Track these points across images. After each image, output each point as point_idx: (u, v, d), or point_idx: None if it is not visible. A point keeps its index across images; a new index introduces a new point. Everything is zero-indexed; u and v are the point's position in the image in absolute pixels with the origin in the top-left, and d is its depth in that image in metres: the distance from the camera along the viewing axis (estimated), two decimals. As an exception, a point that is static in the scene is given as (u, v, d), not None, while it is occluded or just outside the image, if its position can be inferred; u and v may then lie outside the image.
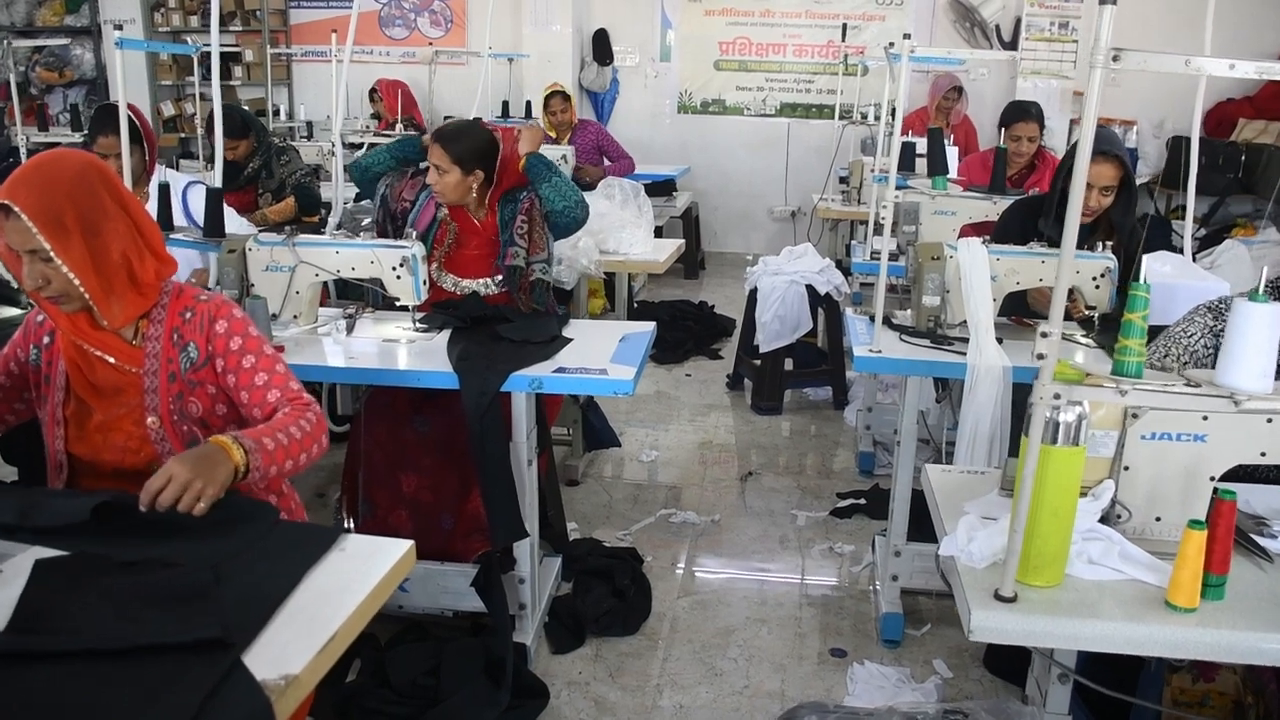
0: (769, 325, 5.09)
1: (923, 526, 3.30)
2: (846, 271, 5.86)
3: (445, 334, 3.04)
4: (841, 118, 6.75)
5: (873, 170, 5.65)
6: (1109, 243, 3.13)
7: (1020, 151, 4.68)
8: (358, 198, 4.70)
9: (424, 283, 3.00)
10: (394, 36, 9.06)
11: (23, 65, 9.18)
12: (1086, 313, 3.14)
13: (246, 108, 6.16)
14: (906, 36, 2.95)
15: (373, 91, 8.14)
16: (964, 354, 2.92)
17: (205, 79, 9.11)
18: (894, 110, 6.17)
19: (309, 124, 7.84)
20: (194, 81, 9.21)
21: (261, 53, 8.66)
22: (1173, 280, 3.91)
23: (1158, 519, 1.82)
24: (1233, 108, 7.84)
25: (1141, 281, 1.58)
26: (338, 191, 4.17)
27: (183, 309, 2.05)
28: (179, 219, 3.90)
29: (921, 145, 6.19)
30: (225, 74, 9.02)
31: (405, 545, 1.74)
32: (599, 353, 2.85)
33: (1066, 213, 1.47)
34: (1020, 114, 4.65)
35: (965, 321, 3.08)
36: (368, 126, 7.72)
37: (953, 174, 3.97)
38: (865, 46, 8.17)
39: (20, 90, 9.29)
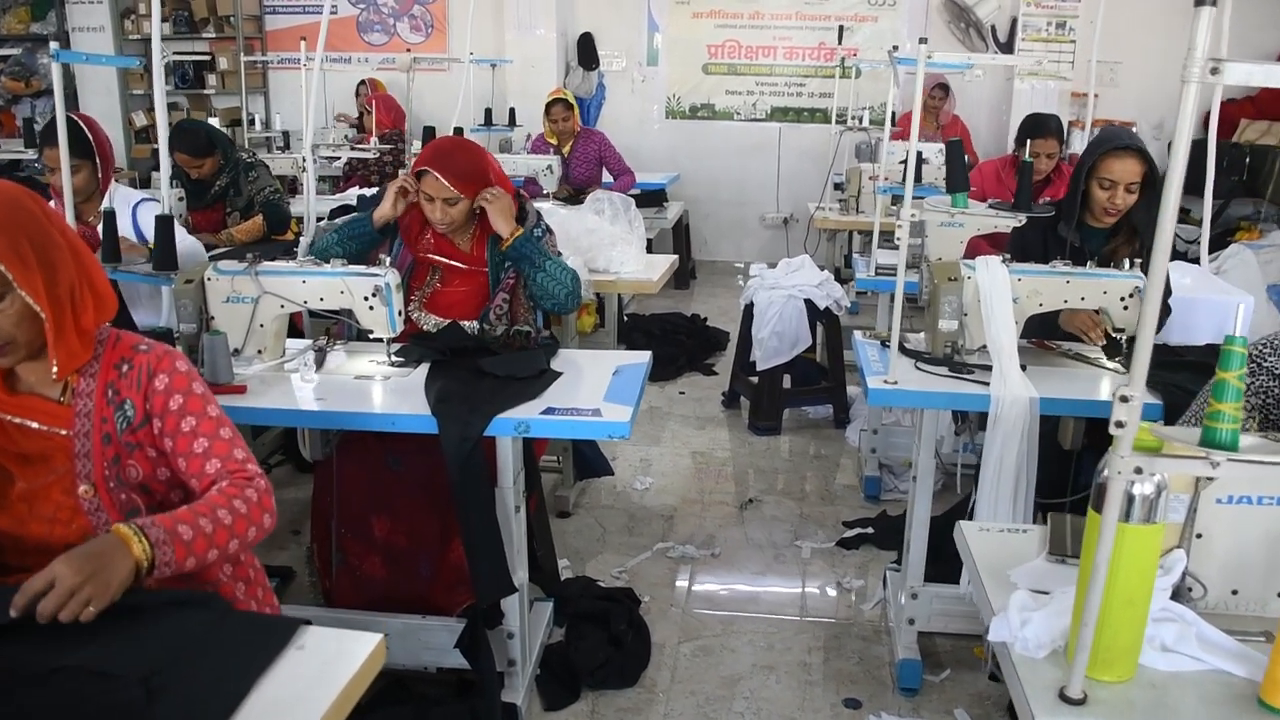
0: (766, 342, 4.87)
1: (938, 560, 3.10)
2: (844, 282, 5.65)
3: (423, 368, 2.80)
4: (839, 122, 6.50)
5: (873, 178, 5.45)
6: (1137, 259, 2.91)
7: (1038, 170, 4.47)
8: (333, 214, 4.46)
9: (399, 313, 2.76)
10: (372, 42, 8.81)
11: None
12: (1114, 335, 2.92)
13: (215, 120, 5.87)
14: (923, 41, 2.72)
15: (360, 86, 7.91)
16: (986, 383, 2.70)
17: (179, 87, 8.89)
18: (894, 115, 5.98)
19: (285, 134, 7.57)
20: (168, 90, 8.97)
21: (236, 60, 8.39)
22: (1192, 294, 3.72)
23: (1234, 592, 1.60)
24: (1234, 108, 7.65)
25: (1236, 334, 1.35)
26: (309, 208, 3.92)
27: (119, 360, 1.80)
28: (130, 238, 3.66)
29: (928, 152, 5.99)
30: (199, 82, 8.80)
31: (374, 640, 1.51)
32: (591, 389, 2.61)
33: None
34: (1039, 129, 4.44)
35: (985, 346, 2.87)
36: (346, 137, 7.48)
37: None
38: (858, 49, 7.95)
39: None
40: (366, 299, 2.72)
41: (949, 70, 6.11)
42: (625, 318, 6.16)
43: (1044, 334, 3.10)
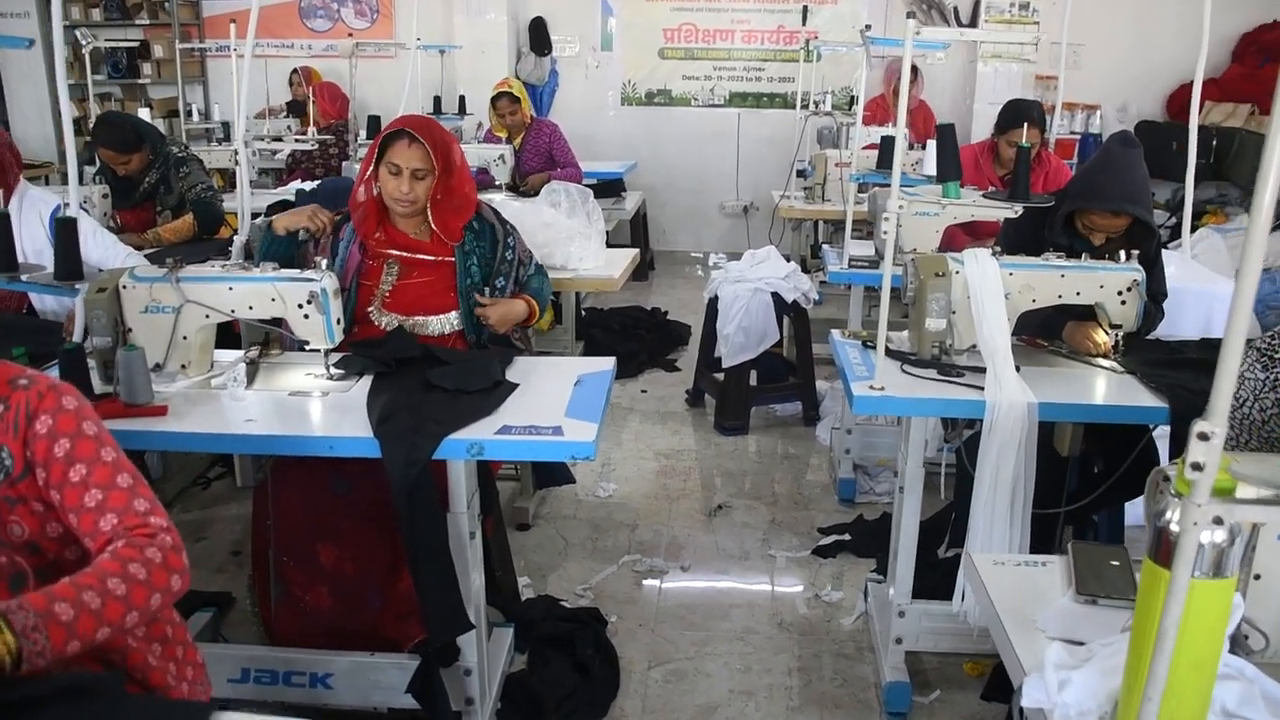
0: (732, 338, 4.65)
1: (920, 568, 2.90)
2: (809, 272, 5.44)
3: (366, 381, 2.54)
4: (804, 108, 6.28)
5: (839, 164, 5.24)
6: (1134, 250, 2.72)
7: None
8: (270, 210, 4.17)
9: (337, 321, 2.50)
10: (315, 28, 8.47)
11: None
12: (1109, 332, 2.72)
13: (148, 112, 5.55)
14: (910, 16, 2.50)
15: (292, 74, 7.58)
16: (979, 387, 2.49)
17: (111, 77, 8.50)
18: (855, 99, 5.75)
19: (225, 125, 7.23)
20: (101, 79, 8.58)
21: (171, 48, 8.01)
22: (1179, 283, 3.54)
23: (1296, 640, 1.40)
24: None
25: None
26: (243, 204, 3.63)
27: None
28: (44, 248, 3.35)
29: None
30: (133, 71, 8.43)
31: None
32: (551, 402, 2.37)
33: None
34: (1020, 117, 4.24)
35: (975, 346, 2.67)
36: (289, 128, 7.14)
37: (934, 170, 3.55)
38: (817, 31, 7.74)
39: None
40: (301, 306, 2.47)
41: (928, 50, 5.92)
42: (583, 312, 5.92)
43: (1037, 331, 2.90)
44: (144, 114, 5.48)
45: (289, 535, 2.69)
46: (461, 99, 7.14)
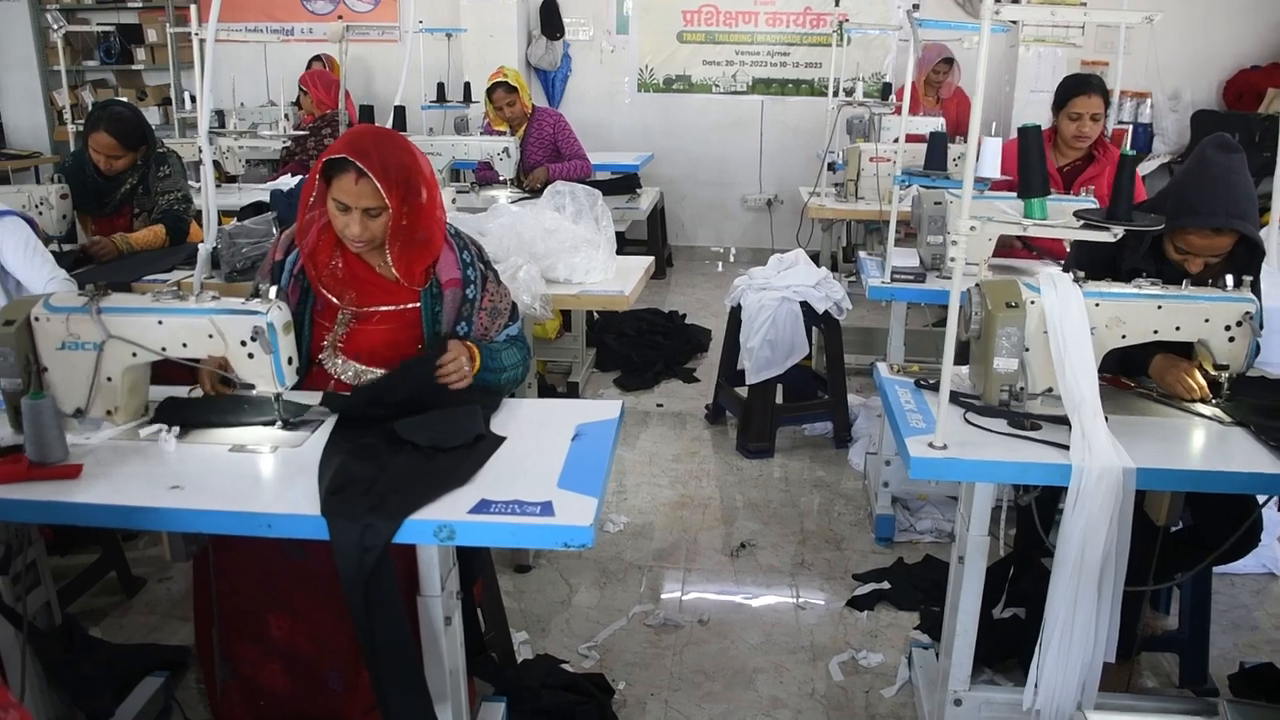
0: (757, 352, 4.22)
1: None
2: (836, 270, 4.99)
3: (325, 429, 2.13)
4: (838, 95, 5.79)
5: (874, 159, 4.80)
6: (1242, 276, 2.27)
7: (1083, 134, 3.80)
8: (243, 212, 3.76)
9: (289, 361, 2.09)
10: (317, 11, 8.03)
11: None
12: (1214, 374, 2.28)
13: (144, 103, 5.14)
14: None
15: (313, 62, 7.17)
16: (1060, 445, 2.06)
17: (105, 62, 8.11)
18: (891, 87, 5.23)
19: (219, 113, 6.81)
20: (94, 65, 8.21)
21: (165, 32, 7.61)
22: (1272, 301, 3.07)
23: None
24: (1257, 76, 7.02)
25: None
26: (209, 207, 3.22)
27: None
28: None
29: (928, 129, 5.32)
30: (127, 57, 8.04)
31: None
32: (541, 465, 1.95)
33: None
34: (1080, 86, 3.77)
35: (1050, 390, 2.23)
36: (286, 116, 6.71)
37: (994, 172, 3.10)
38: (845, 14, 7.26)
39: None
40: (244, 344, 2.05)
41: (965, 34, 5.45)
42: (595, 316, 5.50)
43: (1116, 366, 2.46)
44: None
45: (235, 606, 2.30)
46: (467, 86, 6.70)
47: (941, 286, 3.40)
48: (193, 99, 7.16)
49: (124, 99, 7.57)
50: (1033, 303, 2.21)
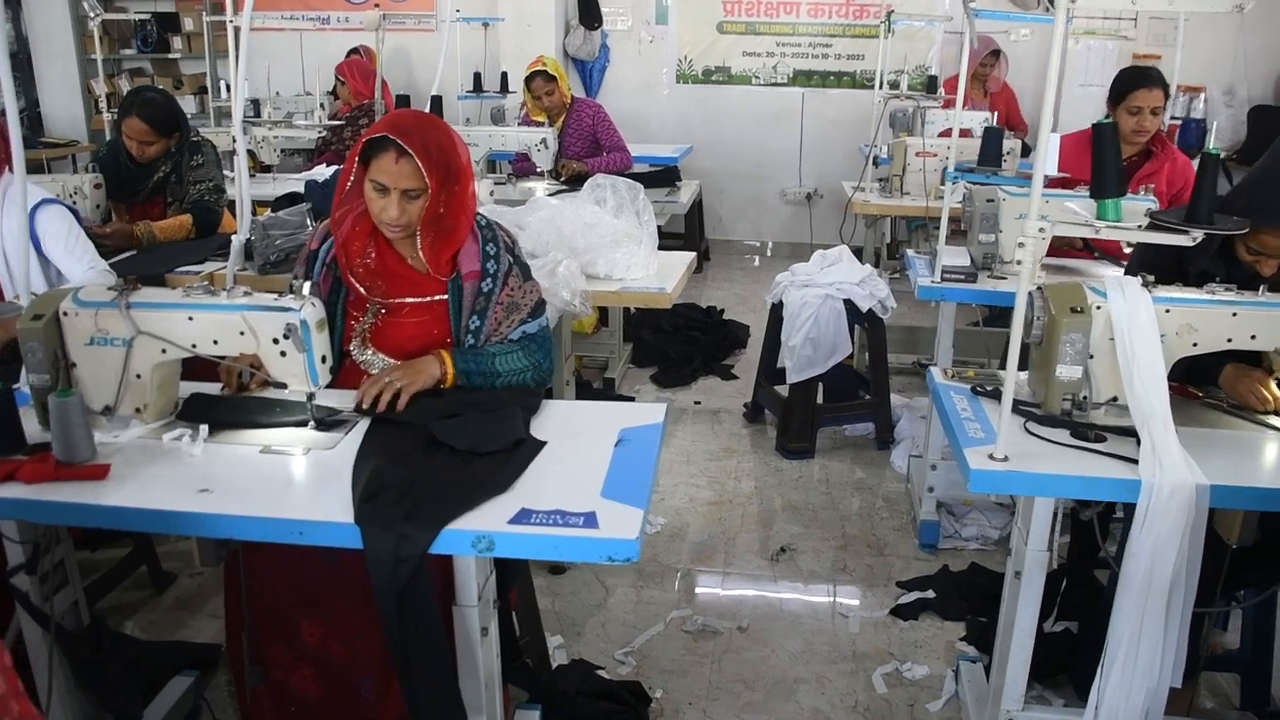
0: (799, 351, 4.12)
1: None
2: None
3: (359, 430, 2.06)
4: (891, 87, 5.65)
5: (920, 154, 4.68)
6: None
7: (1143, 128, 3.67)
8: (278, 203, 3.70)
9: (323, 359, 2.02)
10: (353, 0, 7.98)
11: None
12: (1287, 384, 2.17)
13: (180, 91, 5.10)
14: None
15: (353, 53, 7.12)
16: (1127, 459, 1.96)
17: (141, 51, 8.10)
18: (935, 80, 5.05)
19: (255, 102, 6.78)
20: (130, 54, 8.20)
21: (202, 20, 7.58)
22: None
23: None
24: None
25: None
26: (242, 198, 3.16)
27: None
28: (19, 254, 2.89)
29: (974, 124, 5.20)
30: (163, 46, 8.02)
31: None
32: (584, 472, 1.86)
33: None
34: (1141, 79, 3.64)
35: (1115, 399, 2.13)
36: (322, 105, 6.66)
37: (1052, 169, 2.98)
38: (890, 5, 7.12)
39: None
40: (276, 342, 1.98)
41: (1014, 25, 5.32)
42: (632, 311, 5.41)
43: (1183, 375, 2.34)
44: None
45: (266, 609, 2.24)
46: (504, 76, 6.62)
47: (993, 286, 3.29)
48: (228, 88, 7.13)
49: (157, 86, 7.58)
50: (1099, 308, 2.10)
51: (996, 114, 5.74)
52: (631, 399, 4.87)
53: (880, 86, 5.81)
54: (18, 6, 7.98)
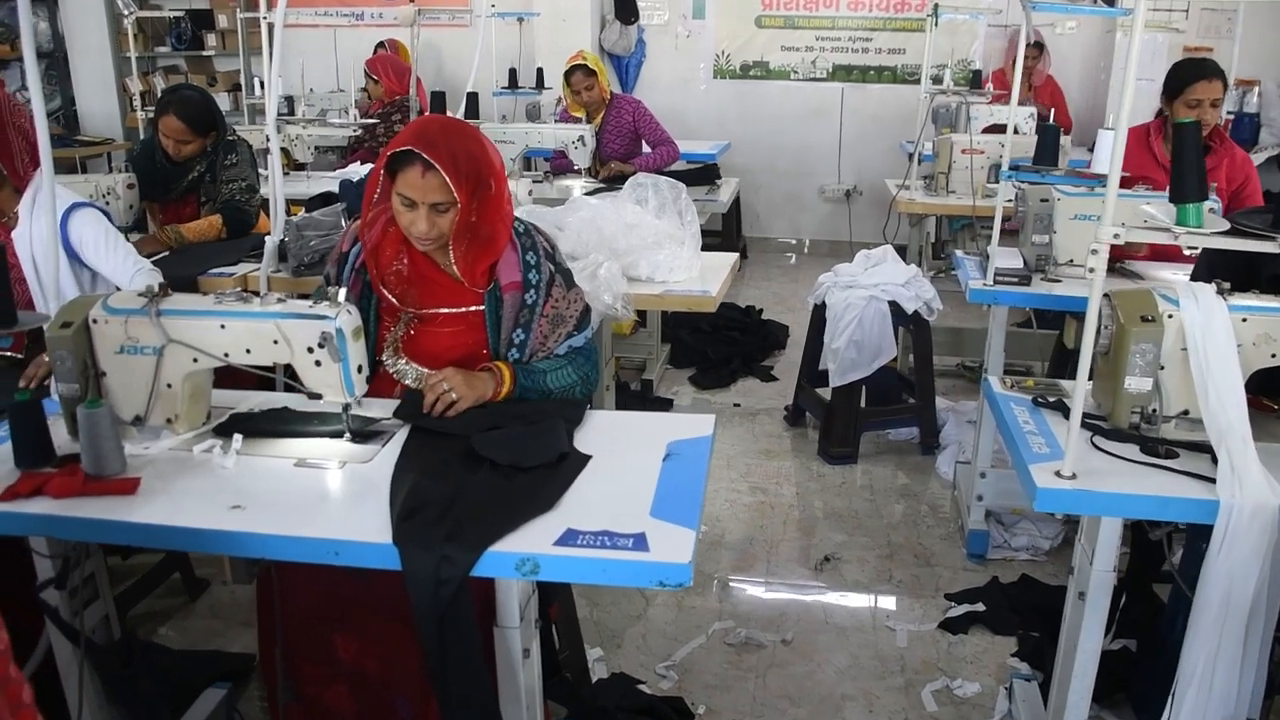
0: (842, 353, 4.02)
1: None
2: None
3: (397, 442, 1.99)
4: (935, 82, 5.51)
5: (966, 151, 4.57)
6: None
7: (1202, 122, 3.54)
8: (311, 203, 3.64)
9: (359, 369, 1.95)
10: (389, -5, 7.93)
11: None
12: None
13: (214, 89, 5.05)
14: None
15: (378, 48, 7.05)
16: (1203, 477, 1.85)
17: (176, 48, 8.09)
18: (980, 74, 4.92)
19: (289, 99, 6.73)
20: (165, 51, 8.20)
21: (236, 17, 7.55)
22: None
23: None
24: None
25: None
26: (276, 198, 3.11)
27: None
28: (51, 258, 2.84)
29: (1020, 119, 5.07)
30: (198, 43, 8.01)
31: None
32: (632, 488, 1.78)
33: None
34: (1200, 71, 3.51)
35: (1186, 412, 2.02)
36: (355, 103, 6.60)
37: (1102, 166, 2.87)
38: (933, -2, 7.00)
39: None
40: (310, 351, 1.91)
41: (1059, 16, 5.19)
42: (669, 311, 5.31)
43: (1257, 387, 2.23)
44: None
45: (299, 624, 2.17)
46: (539, 72, 6.54)
47: (1047, 289, 3.17)
48: (262, 85, 7.11)
49: (194, 84, 7.56)
50: (1170, 316, 1.99)
51: (1039, 110, 5.60)
52: (670, 401, 4.78)
53: (932, 81, 5.67)
54: (54, 5, 7.99)
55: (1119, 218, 2.96)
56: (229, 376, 2.12)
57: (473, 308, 2.21)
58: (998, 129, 5.27)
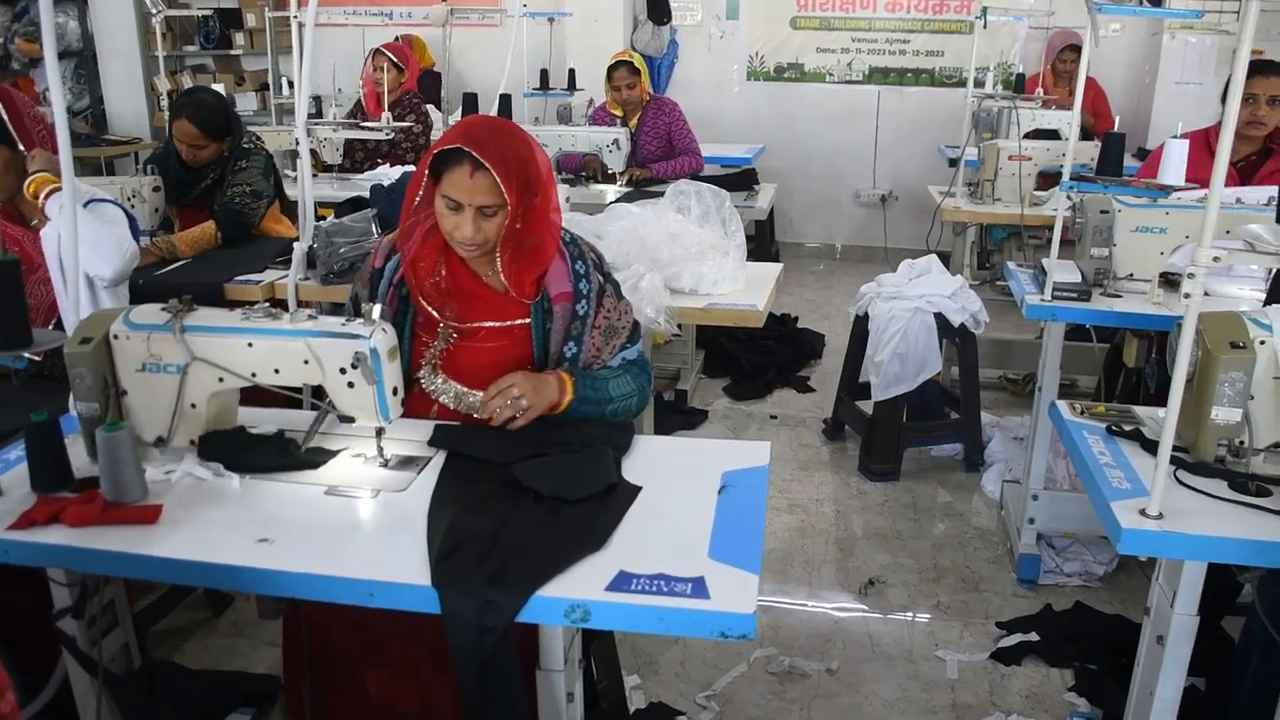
0: (886, 367, 3.88)
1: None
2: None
3: (433, 469, 1.87)
4: (978, 85, 5.36)
5: (1013, 158, 4.43)
6: None
7: (1258, 120, 3.41)
8: (340, 209, 3.53)
9: (394, 392, 1.83)
10: (417, -6, 7.84)
11: (0, 37, 8.13)
12: None
13: (222, 88, 4.96)
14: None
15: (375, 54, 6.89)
16: (1302, 517, 1.71)
17: (204, 48, 8.03)
18: (1022, 77, 4.60)
19: (317, 99, 6.64)
20: (193, 50, 8.14)
21: (264, 16, 7.48)
22: None
23: None
24: None
25: None
26: (305, 200, 3.00)
27: None
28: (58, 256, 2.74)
29: (1062, 123, 4.91)
30: (225, 42, 7.94)
31: None
32: (688, 526, 1.65)
33: None
34: (1259, 67, 3.37)
35: (1277, 445, 1.88)
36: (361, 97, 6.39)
37: (1179, 178, 2.73)
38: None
39: None
40: (343, 372, 1.80)
41: (1110, 16, 5.02)
42: (704, 319, 5.19)
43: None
44: (219, 88, 4.87)
45: (328, 659, 2.06)
46: (571, 73, 6.43)
47: (1108, 306, 3.03)
48: (290, 84, 7.02)
49: (210, 86, 7.47)
50: (1262, 342, 1.85)
51: (1083, 117, 5.44)
52: (705, 413, 4.66)
53: (970, 85, 5.52)
54: (84, 4, 7.95)
55: (1189, 228, 2.82)
56: (256, 394, 2.01)
57: (518, 321, 2.09)
58: (1041, 134, 5.12)
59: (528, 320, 2.09)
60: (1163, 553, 1.72)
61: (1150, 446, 1.98)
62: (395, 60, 5.75)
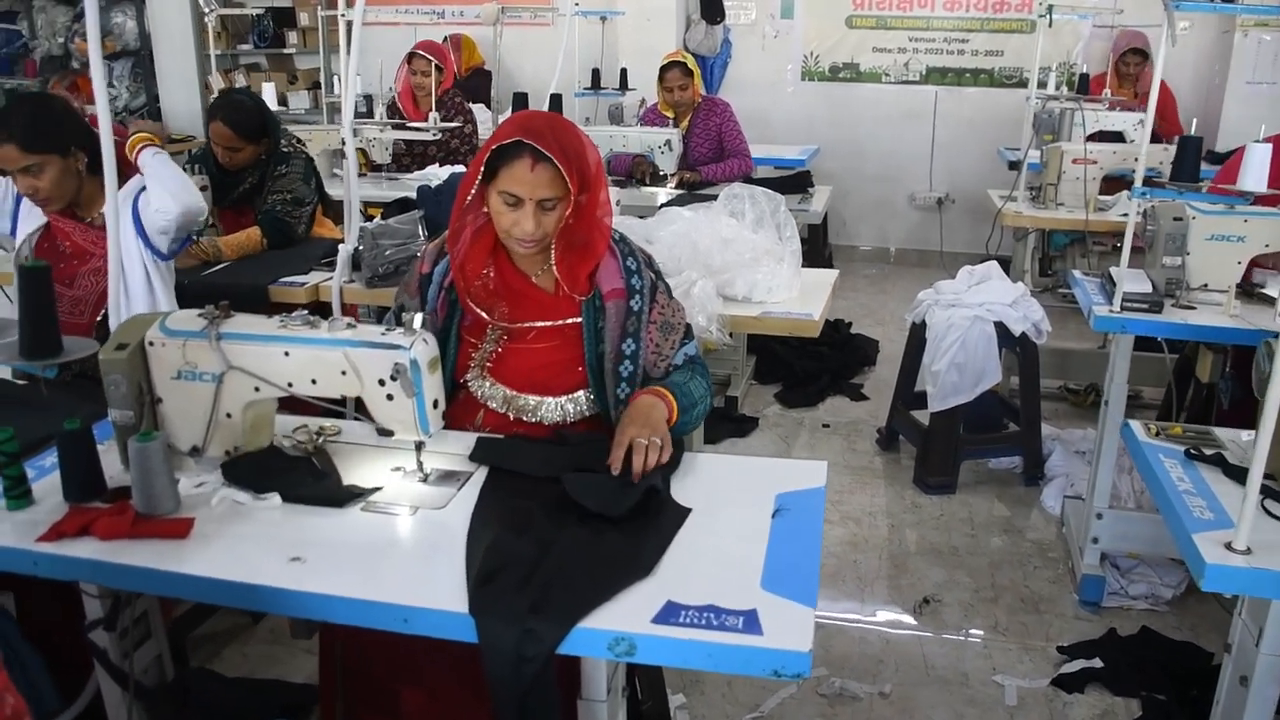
0: (944, 376, 3.76)
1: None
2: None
3: (474, 485, 1.80)
4: (1040, 86, 5.20)
5: (1077, 161, 4.28)
6: None
7: None
8: (387, 210, 3.47)
9: (434, 404, 1.76)
10: (469, -7, 7.80)
11: (61, 37, 8.20)
12: None
13: (271, 89, 4.93)
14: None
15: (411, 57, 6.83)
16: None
17: (258, 46, 8.05)
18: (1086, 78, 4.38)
19: (368, 98, 6.62)
20: (247, 49, 8.17)
21: (316, 15, 7.47)
22: None
23: None
24: None
25: None
26: (351, 203, 2.94)
27: None
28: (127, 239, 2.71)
29: (1126, 125, 4.77)
30: (278, 40, 7.96)
31: None
32: (739, 553, 1.56)
33: None
34: None
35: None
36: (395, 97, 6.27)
37: (1261, 185, 2.59)
38: (1034, -3, 6.68)
39: (60, 64, 8.34)
40: (382, 383, 1.73)
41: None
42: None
43: None
44: (268, 91, 4.86)
45: (363, 676, 2.00)
46: (623, 72, 6.35)
47: (1181, 318, 2.89)
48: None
49: (248, 87, 7.50)
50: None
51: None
52: (755, 420, 4.55)
53: (1034, 86, 5.36)
54: (141, 3, 7.99)
55: (1269, 236, 2.67)
56: (295, 401, 1.95)
57: (569, 320, 2.02)
58: (1104, 136, 4.97)
59: (579, 319, 2.02)
60: (1251, 591, 1.60)
61: (1234, 473, 1.86)
62: (436, 61, 5.71)
